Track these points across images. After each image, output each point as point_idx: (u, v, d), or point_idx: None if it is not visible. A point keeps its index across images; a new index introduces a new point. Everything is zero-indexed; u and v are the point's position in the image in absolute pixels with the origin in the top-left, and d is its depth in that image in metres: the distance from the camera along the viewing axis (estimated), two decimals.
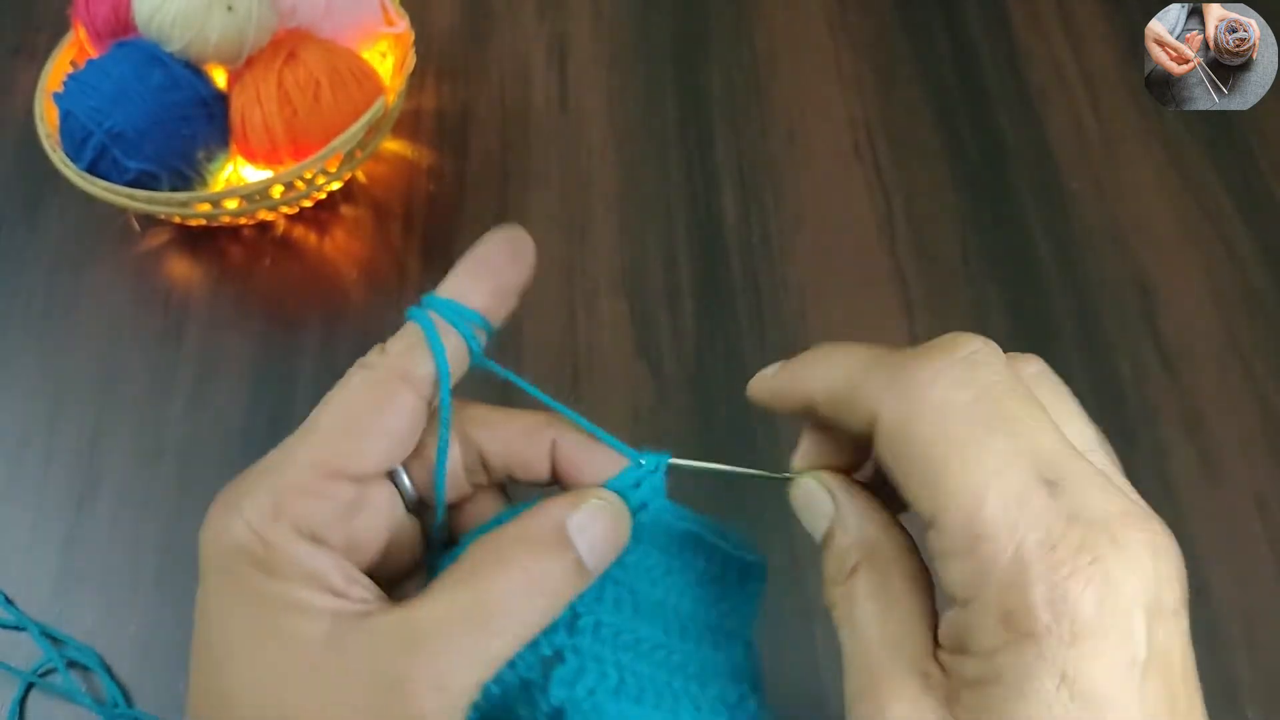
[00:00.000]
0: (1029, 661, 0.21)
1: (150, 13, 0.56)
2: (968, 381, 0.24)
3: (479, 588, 0.25)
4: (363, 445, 0.26)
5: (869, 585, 0.25)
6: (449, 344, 0.27)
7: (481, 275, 0.29)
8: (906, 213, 0.62)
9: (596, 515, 0.26)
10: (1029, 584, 0.21)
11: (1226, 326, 0.57)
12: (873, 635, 0.24)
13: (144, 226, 0.63)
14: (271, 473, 0.25)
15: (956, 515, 0.22)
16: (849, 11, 0.71)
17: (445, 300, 0.28)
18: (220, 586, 0.25)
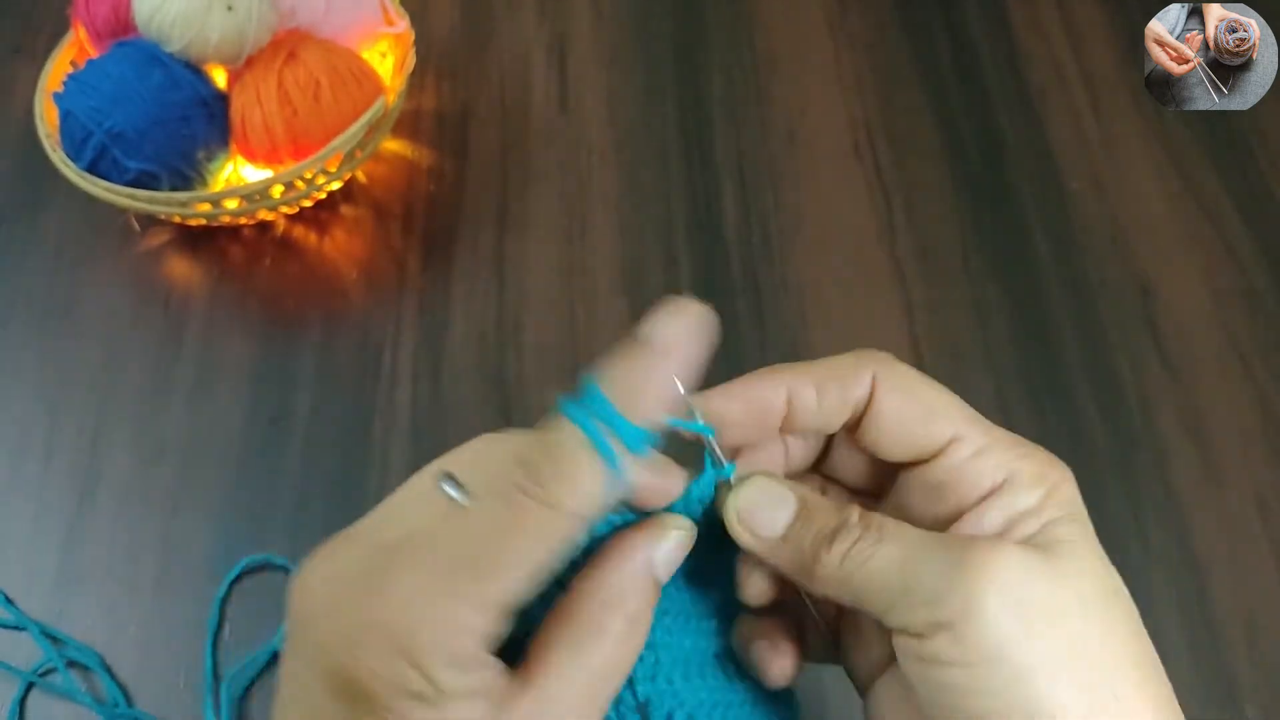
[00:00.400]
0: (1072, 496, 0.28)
1: (150, 13, 0.56)
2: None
3: (592, 654, 0.26)
4: (529, 587, 0.25)
5: (886, 516, 0.28)
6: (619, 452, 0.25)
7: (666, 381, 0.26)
8: (906, 213, 0.62)
9: (675, 548, 0.28)
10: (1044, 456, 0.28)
11: (1226, 326, 0.57)
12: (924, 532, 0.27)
13: (144, 226, 0.63)
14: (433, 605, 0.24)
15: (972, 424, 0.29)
16: (849, 12, 0.71)
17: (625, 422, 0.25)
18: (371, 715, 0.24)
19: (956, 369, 0.56)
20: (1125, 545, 0.51)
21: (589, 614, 0.26)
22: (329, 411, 0.56)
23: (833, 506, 0.28)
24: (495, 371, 0.57)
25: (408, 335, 0.58)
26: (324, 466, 0.54)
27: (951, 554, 0.26)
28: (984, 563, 0.25)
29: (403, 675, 0.23)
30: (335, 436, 0.55)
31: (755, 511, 0.29)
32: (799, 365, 0.30)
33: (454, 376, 0.57)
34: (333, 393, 0.56)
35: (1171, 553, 0.51)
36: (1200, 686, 0.47)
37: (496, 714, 0.25)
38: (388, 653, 0.23)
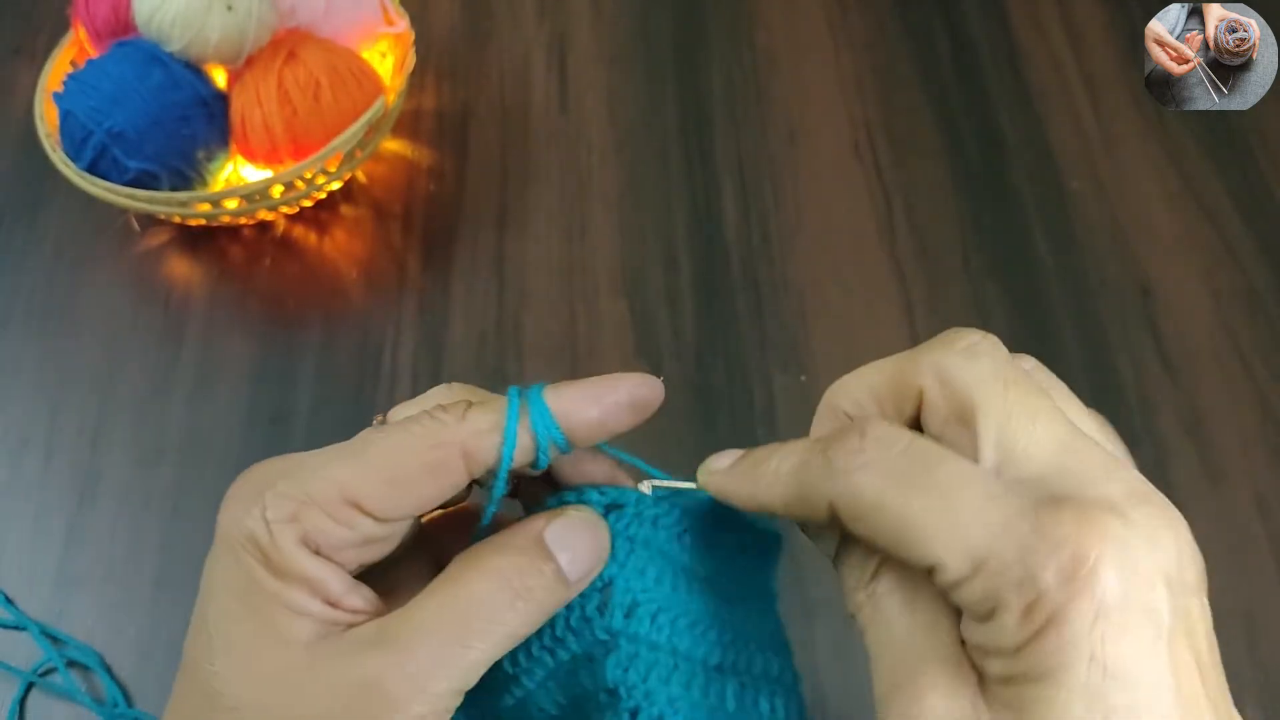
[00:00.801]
0: (1055, 649, 0.21)
1: (150, 13, 0.56)
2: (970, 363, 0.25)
3: (456, 594, 0.25)
4: (396, 497, 0.26)
5: (892, 583, 0.25)
6: (522, 442, 0.27)
7: (596, 403, 0.27)
8: (906, 213, 0.62)
9: (574, 527, 0.27)
10: (1041, 574, 0.21)
11: (1226, 326, 0.57)
12: (901, 632, 0.24)
13: (144, 226, 0.63)
14: (302, 476, 0.26)
15: (953, 556, 0.22)
16: (849, 11, 0.71)
17: (544, 406, 0.27)
18: (225, 569, 0.25)
19: None
20: None
21: (459, 568, 0.26)
22: (329, 411, 0.56)
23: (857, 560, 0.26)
24: (495, 371, 0.57)
25: (408, 335, 0.58)
26: None
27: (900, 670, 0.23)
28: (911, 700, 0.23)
29: (251, 521, 0.25)
30: (335, 436, 0.54)
31: (815, 536, 0.28)
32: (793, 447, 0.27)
33: (454, 376, 0.57)
34: (333, 393, 0.56)
35: None
36: None
37: (329, 626, 0.25)
38: (247, 501, 0.25)
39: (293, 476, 0.26)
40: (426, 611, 0.25)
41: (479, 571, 0.26)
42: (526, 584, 0.26)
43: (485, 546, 0.27)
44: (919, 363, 0.26)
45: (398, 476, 0.26)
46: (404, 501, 0.26)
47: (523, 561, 0.26)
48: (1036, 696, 0.21)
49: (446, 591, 0.25)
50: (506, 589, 0.26)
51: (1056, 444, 0.23)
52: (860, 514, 0.24)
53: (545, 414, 0.27)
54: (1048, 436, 0.23)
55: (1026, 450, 0.23)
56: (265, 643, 0.24)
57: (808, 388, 0.55)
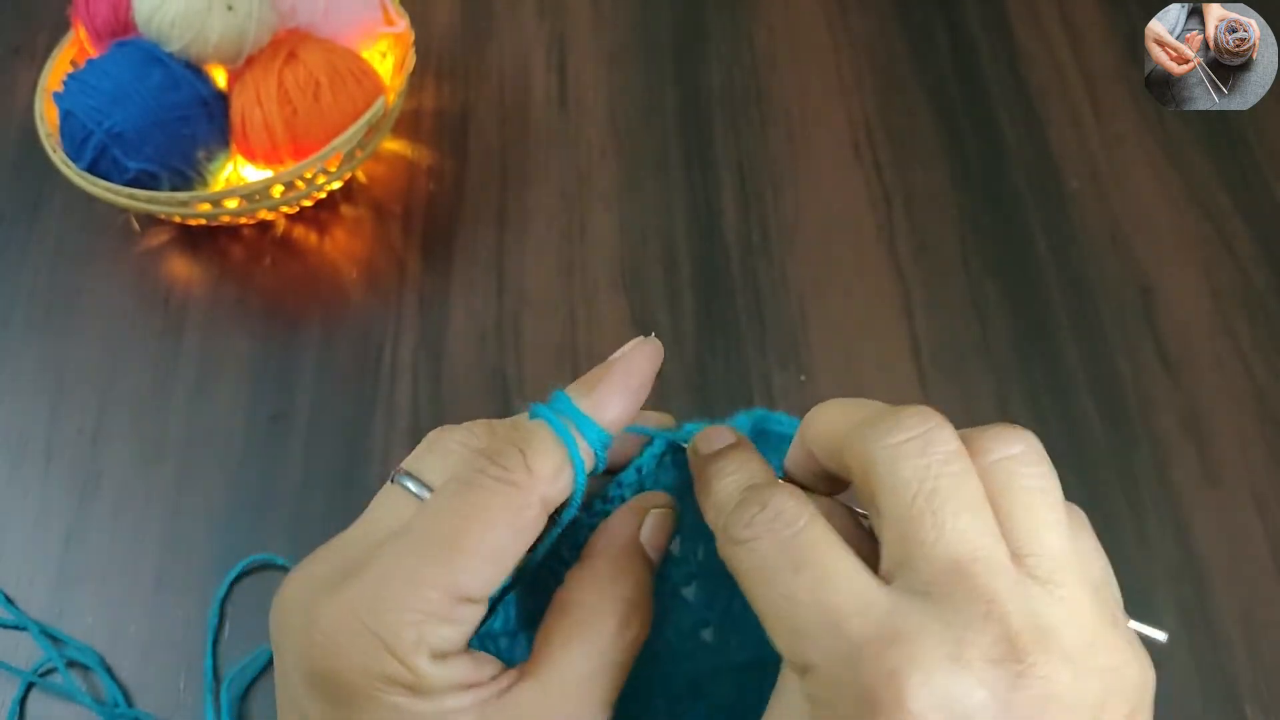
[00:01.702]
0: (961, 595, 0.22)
1: (150, 13, 0.56)
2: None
3: (592, 640, 0.26)
4: (499, 572, 0.26)
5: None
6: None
7: (622, 395, 0.28)
8: (906, 212, 0.62)
9: (659, 523, 0.29)
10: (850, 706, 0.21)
11: (1226, 326, 0.57)
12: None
13: (144, 226, 0.63)
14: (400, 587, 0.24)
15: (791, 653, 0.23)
16: (849, 11, 0.71)
17: (589, 421, 0.28)
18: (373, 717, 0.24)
19: (956, 369, 0.56)
20: (1125, 545, 0.51)
21: (583, 600, 0.27)
22: (329, 411, 0.56)
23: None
24: (495, 371, 0.57)
25: (408, 335, 0.58)
26: (324, 465, 0.54)
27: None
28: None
29: (383, 664, 0.24)
30: (335, 436, 0.55)
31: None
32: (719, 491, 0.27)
33: (454, 376, 0.57)
34: (333, 392, 0.56)
35: (1171, 553, 0.51)
36: (1200, 686, 0.47)
37: (488, 707, 0.25)
38: (365, 644, 0.24)
39: (391, 589, 0.24)
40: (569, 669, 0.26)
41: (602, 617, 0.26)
42: (639, 600, 0.27)
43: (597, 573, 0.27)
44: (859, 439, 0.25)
45: (496, 553, 0.25)
46: (504, 572, 0.26)
47: (633, 581, 0.27)
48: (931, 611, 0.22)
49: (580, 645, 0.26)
50: (624, 611, 0.27)
51: (946, 566, 0.22)
52: (740, 583, 0.25)
53: (593, 428, 0.27)
54: (942, 555, 0.22)
55: (919, 563, 0.22)
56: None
57: (807, 387, 0.55)
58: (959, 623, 0.21)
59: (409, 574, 0.24)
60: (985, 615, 0.21)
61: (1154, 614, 0.49)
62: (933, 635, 0.21)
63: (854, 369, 0.56)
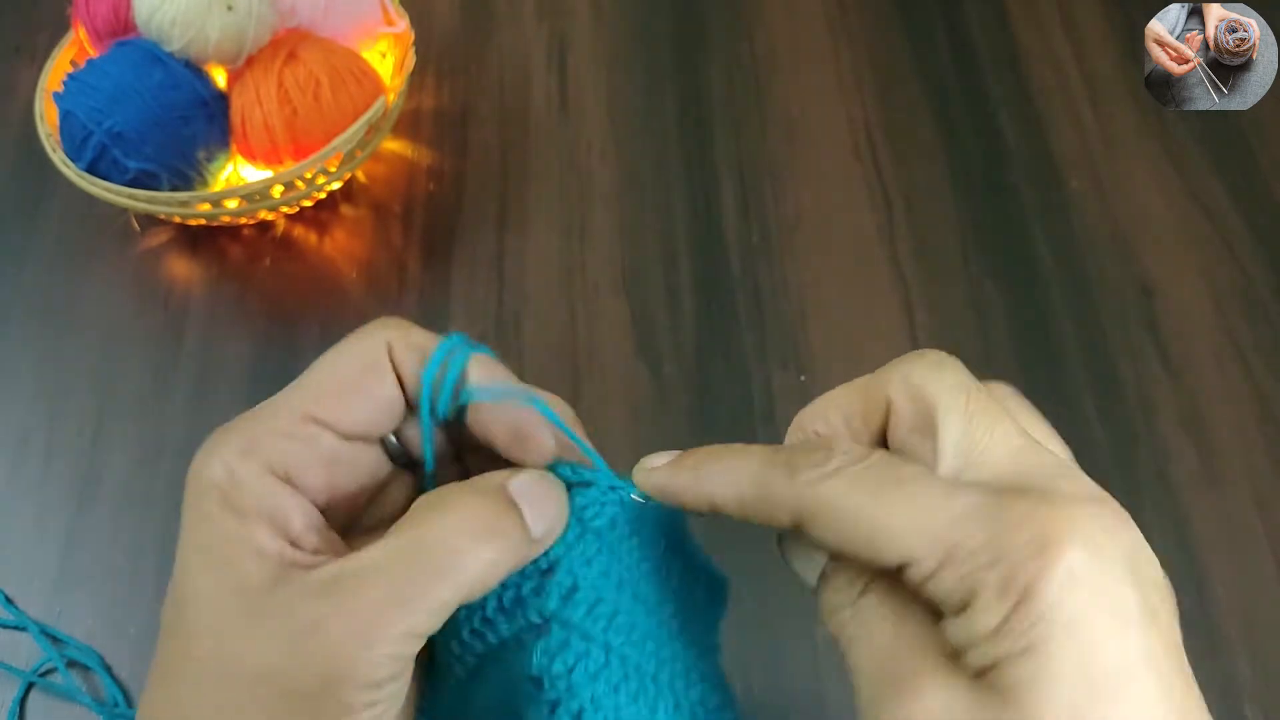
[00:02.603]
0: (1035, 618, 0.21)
1: (150, 12, 0.56)
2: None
3: (416, 535, 0.24)
4: (349, 404, 0.27)
5: (880, 597, 0.25)
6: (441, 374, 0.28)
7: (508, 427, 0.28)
8: (906, 213, 0.62)
9: (537, 482, 0.27)
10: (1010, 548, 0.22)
11: (1226, 326, 0.57)
12: (888, 636, 0.24)
13: (144, 226, 0.63)
14: (255, 417, 0.27)
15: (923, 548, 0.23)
16: (849, 11, 0.71)
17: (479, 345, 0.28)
18: (192, 523, 0.25)
19: None
20: None
21: (422, 507, 0.25)
22: None
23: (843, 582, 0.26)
24: None
25: None
26: None
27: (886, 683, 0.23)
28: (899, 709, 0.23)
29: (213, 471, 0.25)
30: None
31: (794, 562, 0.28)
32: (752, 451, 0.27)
33: None
34: None
35: (1171, 553, 0.51)
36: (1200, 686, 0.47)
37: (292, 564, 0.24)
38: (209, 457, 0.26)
39: (243, 420, 0.26)
40: (381, 552, 0.24)
41: (440, 512, 0.25)
42: (491, 526, 0.25)
43: (447, 491, 0.26)
44: (888, 376, 0.26)
45: (342, 385, 0.27)
46: (354, 406, 0.27)
47: (487, 505, 0.25)
48: (1024, 674, 0.21)
49: (405, 533, 0.25)
50: (469, 530, 0.25)
51: (1013, 449, 0.24)
52: (828, 520, 0.24)
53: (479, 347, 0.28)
54: (1005, 443, 0.24)
55: (984, 454, 0.24)
56: (225, 590, 0.24)
57: (807, 387, 0.55)
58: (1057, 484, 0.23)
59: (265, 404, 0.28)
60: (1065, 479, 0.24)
61: None
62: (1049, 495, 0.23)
63: (854, 369, 0.55)
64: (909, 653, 0.24)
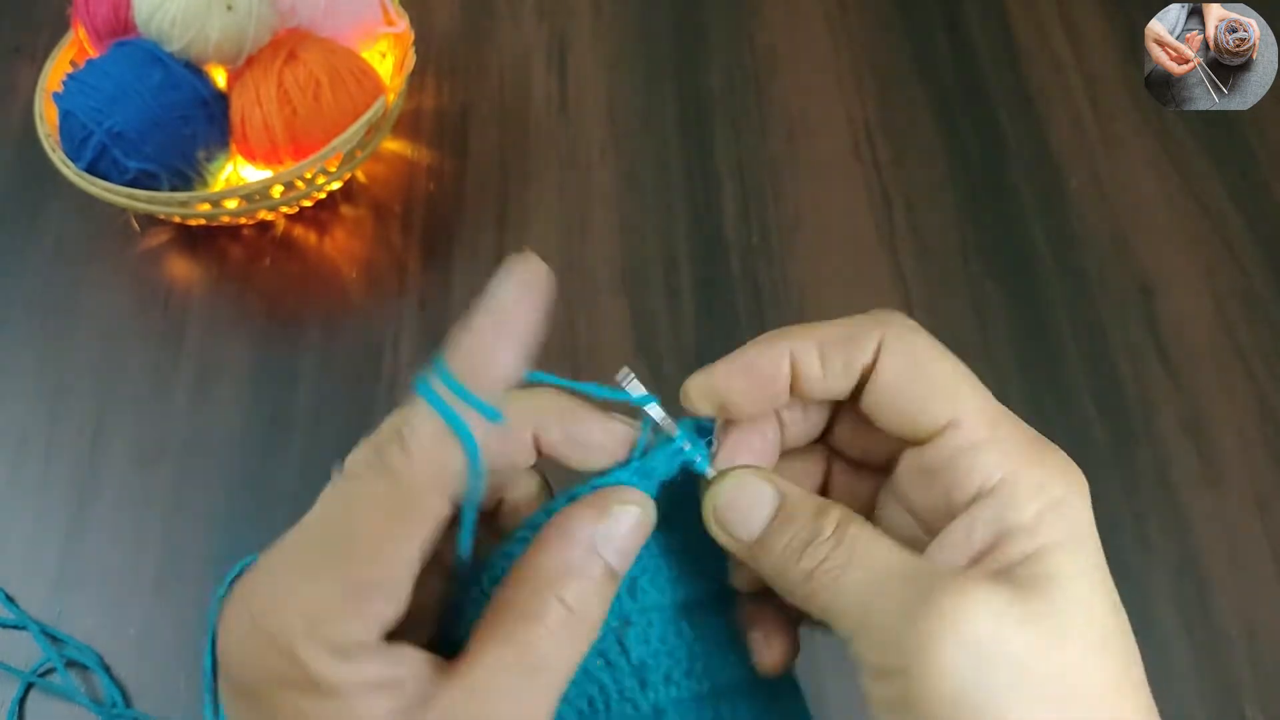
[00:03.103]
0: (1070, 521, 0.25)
1: (150, 12, 0.56)
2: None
3: (525, 643, 0.24)
4: (393, 566, 0.24)
5: (865, 526, 0.26)
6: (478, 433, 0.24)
7: (504, 337, 0.25)
8: (906, 213, 0.62)
9: (621, 521, 0.26)
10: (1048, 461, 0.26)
11: (1226, 326, 0.57)
12: (890, 559, 0.25)
13: (144, 226, 0.63)
14: (295, 587, 0.23)
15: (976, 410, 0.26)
16: (849, 11, 0.71)
17: (462, 388, 0.24)
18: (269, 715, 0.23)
19: None
20: (1125, 545, 0.51)
21: (521, 601, 0.25)
22: (329, 411, 0.56)
23: (812, 508, 0.26)
24: None
25: (408, 335, 0.58)
26: (324, 466, 0.54)
27: (914, 590, 0.24)
28: (946, 605, 0.23)
29: (274, 662, 0.22)
30: (335, 436, 0.55)
31: (732, 510, 0.27)
32: (803, 328, 0.29)
33: None
34: (333, 393, 0.56)
35: (1171, 553, 0.51)
36: (1201, 686, 0.47)
37: (410, 708, 0.23)
38: (257, 642, 0.23)
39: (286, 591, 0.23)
40: (500, 668, 0.24)
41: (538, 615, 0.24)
42: (586, 606, 0.25)
43: (538, 574, 0.25)
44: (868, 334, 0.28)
45: (384, 543, 0.24)
46: (400, 567, 0.24)
47: (578, 583, 0.25)
48: (1063, 566, 0.24)
49: (512, 641, 0.24)
50: (569, 622, 0.25)
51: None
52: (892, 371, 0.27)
53: (473, 397, 0.24)
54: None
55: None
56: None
57: None
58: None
59: (294, 566, 0.23)
60: None
61: (1154, 613, 0.49)
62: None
63: None
64: (918, 570, 0.25)
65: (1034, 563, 0.24)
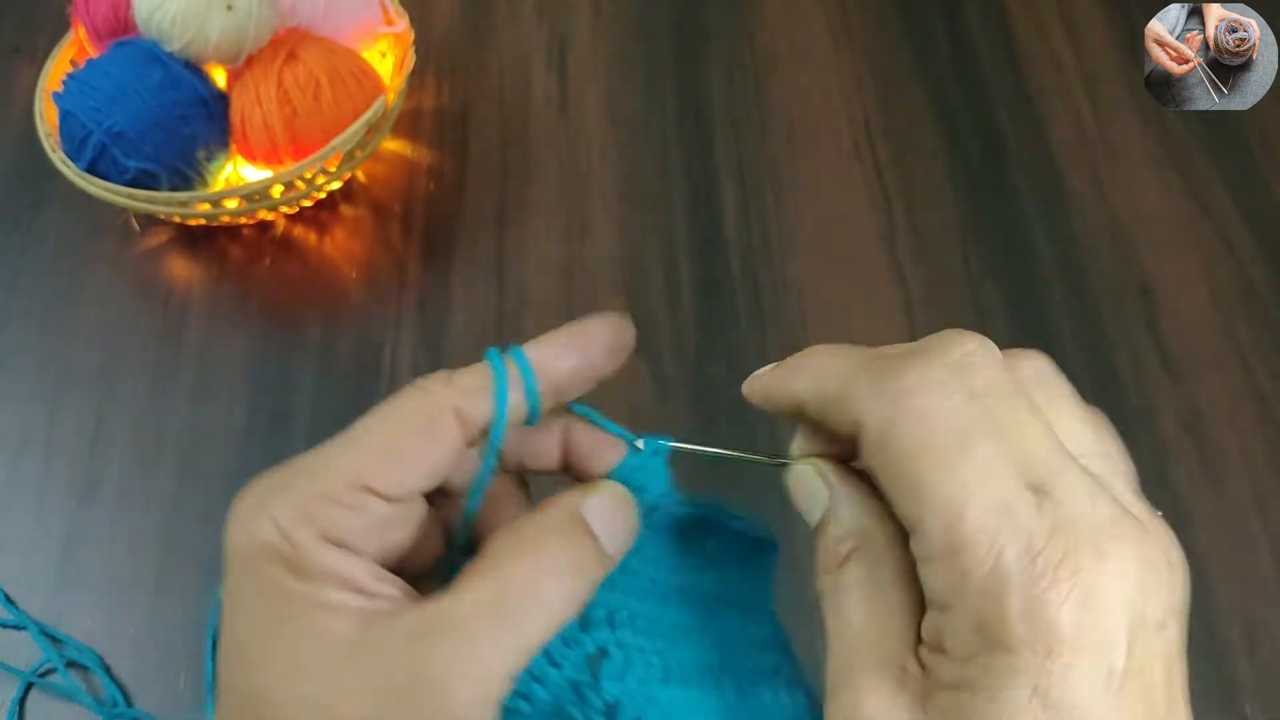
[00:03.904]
0: (1002, 671, 0.21)
1: (150, 12, 0.56)
2: (956, 387, 0.24)
3: (502, 576, 0.25)
4: (402, 469, 0.26)
5: (858, 575, 0.25)
6: (513, 398, 0.27)
7: (574, 351, 0.28)
8: (906, 213, 0.62)
9: (608, 500, 0.27)
10: (1005, 596, 0.21)
11: (1226, 326, 0.57)
12: (856, 626, 0.25)
13: (144, 226, 0.63)
14: (304, 476, 0.25)
15: (936, 524, 0.22)
16: (849, 11, 0.71)
17: (525, 360, 0.28)
18: (248, 586, 0.25)
19: None
20: None
21: (504, 551, 0.25)
22: (329, 411, 0.56)
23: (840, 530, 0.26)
24: None
25: (408, 335, 0.58)
26: None
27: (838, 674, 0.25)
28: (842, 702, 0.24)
29: (265, 532, 0.24)
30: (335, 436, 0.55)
31: (797, 500, 0.28)
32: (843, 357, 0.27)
33: None
34: (333, 393, 0.56)
35: None
36: (1200, 687, 0.47)
37: (375, 614, 0.24)
38: (255, 515, 0.25)
39: (296, 477, 0.25)
40: (476, 595, 0.24)
41: (521, 552, 0.25)
42: (575, 563, 0.25)
43: (525, 525, 0.26)
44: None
45: (396, 448, 0.26)
46: (409, 473, 0.26)
47: (571, 543, 0.26)
48: (973, 711, 0.21)
49: (492, 573, 0.25)
50: (551, 566, 0.25)
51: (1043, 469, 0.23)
52: (882, 446, 0.23)
53: (528, 368, 0.27)
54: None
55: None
56: (305, 646, 0.24)
57: None
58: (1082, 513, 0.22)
59: (312, 461, 0.26)
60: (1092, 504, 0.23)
61: None
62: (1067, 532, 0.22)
63: None
64: (870, 647, 0.24)
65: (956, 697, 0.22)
